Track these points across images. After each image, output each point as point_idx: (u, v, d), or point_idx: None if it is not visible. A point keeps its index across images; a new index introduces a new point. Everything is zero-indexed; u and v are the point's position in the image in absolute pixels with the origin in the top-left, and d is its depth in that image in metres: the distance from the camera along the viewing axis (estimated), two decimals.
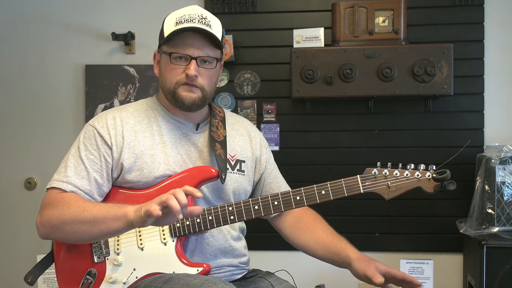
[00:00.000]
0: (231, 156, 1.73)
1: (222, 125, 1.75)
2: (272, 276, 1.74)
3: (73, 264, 1.63)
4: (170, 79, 1.62)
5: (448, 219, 2.78)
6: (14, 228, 3.03)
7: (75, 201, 1.52)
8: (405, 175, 1.54)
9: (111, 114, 1.68)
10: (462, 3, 2.80)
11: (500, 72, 2.82)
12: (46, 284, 2.79)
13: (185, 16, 1.62)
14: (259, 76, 2.91)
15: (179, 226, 1.58)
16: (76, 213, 1.49)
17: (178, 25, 1.61)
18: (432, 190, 1.54)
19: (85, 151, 1.62)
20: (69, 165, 1.61)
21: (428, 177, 1.53)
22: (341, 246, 1.69)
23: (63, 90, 3.01)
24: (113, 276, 1.58)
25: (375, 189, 1.55)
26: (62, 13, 3.00)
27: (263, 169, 1.81)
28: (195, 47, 1.59)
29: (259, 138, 1.84)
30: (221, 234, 1.68)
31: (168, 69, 1.62)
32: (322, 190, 1.57)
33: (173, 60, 1.60)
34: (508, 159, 2.46)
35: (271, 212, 1.59)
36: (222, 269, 1.67)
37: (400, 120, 2.85)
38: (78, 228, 1.48)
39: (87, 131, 1.66)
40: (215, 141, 1.68)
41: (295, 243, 1.79)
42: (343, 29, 2.75)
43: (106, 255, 1.60)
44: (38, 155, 3.01)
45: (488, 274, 2.38)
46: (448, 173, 1.50)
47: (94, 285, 1.59)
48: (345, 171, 2.82)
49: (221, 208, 1.58)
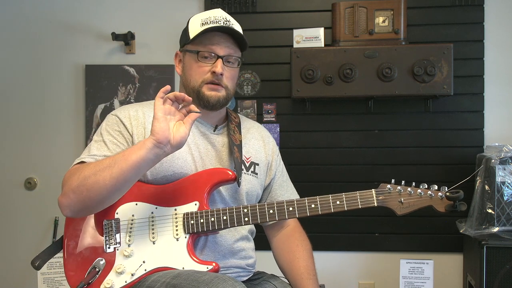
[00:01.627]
0: (246, 158, 1.76)
1: (238, 130, 1.78)
2: (276, 279, 1.76)
3: (82, 252, 1.63)
4: (195, 78, 1.66)
5: (448, 219, 2.78)
6: (14, 228, 3.03)
7: (92, 163, 1.53)
8: (418, 193, 1.59)
9: (133, 107, 1.71)
10: (462, 3, 2.80)
11: (500, 72, 2.82)
12: (46, 284, 2.80)
13: (210, 17, 1.67)
14: (259, 76, 2.91)
15: (192, 223, 1.59)
16: (94, 165, 1.49)
17: (204, 25, 1.65)
18: (444, 210, 1.57)
19: (108, 136, 1.64)
20: (92, 148, 1.62)
21: (440, 197, 1.57)
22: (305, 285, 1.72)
23: (63, 90, 3.01)
24: (121, 266, 1.58)
25: (388, 204, 1.59)
26: (62, 13, 3.00)
27: (273, 175, 1.83)
28: (221, 46, 1.65)
29: (272, 145, 1.87)
30: (230, 233, 1.69)
31: (194, 67, 1.66)
32: (337, 201, 1.60)
33: (200, 58, 1.64)
34: (508, 159, 2.46)
35: (285, 217, 1.62)
36: (229, 270, 1.68)
37: (400, 120, 2.85)
38: (99, 176, 1.46)
39: (110, 119, 1.69)
40: (234, 144, 1.70)
41: (276, 259, 1.83)
42: (343, 29, 2.75)
43: (116, 246, 1.60)
44: (38, 155, 3.01)
45: (488, 274, 2.38)
46: (461, 193, 1.54)
47: (101, 274, 1.59)
48: (345, 171, 2.86)
49: (236, 209, 1.60)
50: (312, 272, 1.75)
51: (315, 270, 1.76)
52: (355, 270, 2.92)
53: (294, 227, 1.83)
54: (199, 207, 1.60)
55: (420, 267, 2.60)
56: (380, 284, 2.90)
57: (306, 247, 1.80)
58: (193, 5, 2.93)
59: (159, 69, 2.94)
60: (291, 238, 1.81)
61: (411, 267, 2.60)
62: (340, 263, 2.91)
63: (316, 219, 2.84)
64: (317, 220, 2.85)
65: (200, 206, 1.60)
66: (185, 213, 1.60)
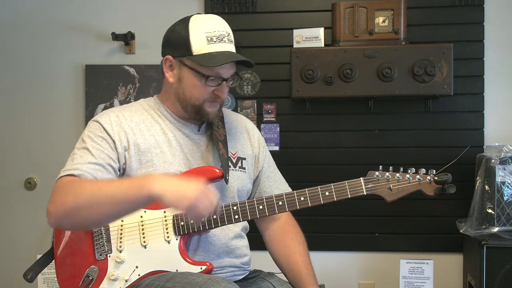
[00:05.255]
0: (232, 153, 1.74)
1: (222, 124, 1.76)
2: (273, 277, 1.74)
3: (74, 261, 1.62)
4: (197, 96, 1.63)
5: (448, 219, 2.78)
6: (14, 228, 3.03)
7: (86, 184, 1.50)
8: (407, 178, 1.58)
9: (114, 112, 1.69)
10: (462, 3, 2.80)
11: (500, 72, 2.82)
12: (46, 284, 2.80)
13: (215, 32, 1.61)
14: (259, 76, 2.91)
15: (183, 225, 1.58)
16: (90, 195, 1.45)
17: (210, 43, 1.59)
18: (433, 193, 1.58)
19: (90, 142, 1.62)
20: (75, 157, 1.60)
21: (429, 181, 1.58)
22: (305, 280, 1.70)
23: (63, 90, 3.01)
24: (115, 273, 1.58)
25: (378, 191, 1.59)
26: (62, 13, 3.00)
27: (260, 167, 1.82)
28: (227, 70, 1.63)
29: (258, 136, 1.85)
30: (223, 232, 1.68)
31: (197, 86, 1.62)
32: (326, 192, 1.60)
33: (207, 81, 1.61)
34: (508, 159, 2.46)
35: (275, 212, 1.61)
36: (224, 269, 1.67)
37: (400, 120, 2.85)
38: (94, 211, 1.44)
39: (91, 125, 1.67)
40: (218, 141, 1.69)
41: (270, 253, 1.81)
42: (343, 29, 2.75)
43: (108, 252, 1.60)
44: (38, 155, 3.01)
45: (488, 274, 2.38)
46: (449, 176, 1.54)
47: (95, 283, 1.58)
48: (345, 171, 2.85)
49: (226, 207, 1.59)
50: (309, 267, 1.73)
51: (312, 264, 1.75)
52: (355, 270, 2.92)
53: (286, 220, 1.81)
54: None
55: (420, 267, 2.60)
56: (380, 284, 2.90)
57: (300, 240, 1.78)
58: (193, 5, 2.93)
59: (159, 69, 2.92)
60: (285, 232, 1.79)
61: (411, 267, 2.60)
62: (340, 263, 2.91)
63: (316, 219, 2.87)
64: (317, 220, 2.86)
65: None
66: (174, 214, 1.59)
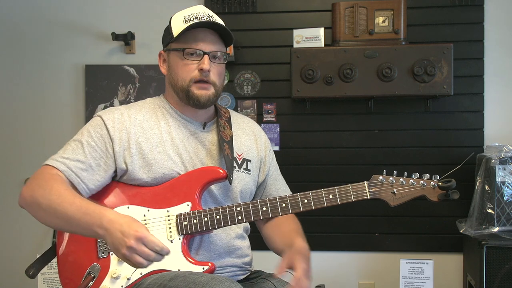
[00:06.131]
0: (238, 155, 1.74)
1: (228, 125, 1.76)
2: (274, 278, 1.74)
3: (76, 259, 1.62)
4: (183, 77, 1.64)
5: (448, 219, 2.78)
6: (14, 228, 3.03)
7: (57, 189, 1.52)
8: (410, 183, 1.58)
9: (119, 110, 1.69)
10: (462, 3, 2.80)
11: (500, 72, 2.82)
12: (46, 284, 2.80)
13: (193, 14, 1.65)
14: (259, 76, 2.91)
15: (186, 224, 1.58)
16: (52, 203, 1.50)
17: (187, 22, 1.63)
18: (436, 199, 1.57)
19: (87, 137, 1.63)
20: (68, 148, 1.62)
21: (433, 186, 1.57)
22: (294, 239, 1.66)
23: (63, 90, 3.01)
24: (117, 271, 1.57)
25: (381, 195, 1.59)
26: (62, 13, 3.00)
27: (267, 171, 1.82)
28: (207, 42, 1.63)
29: (264, 139, 1.85)
30: (225, 232, 1.68)
31: (180, 65, 1.64)
32: (330, 195, 1.59)
33: (186, 56, 1.63)
34: (508, 159, 2.46)
35: (278, 214, 1.60)
36: (225, 269, 1.67)
37: (400, 120, 2.85)
38: (51, 219, 1.52)
39: (94, 120, 1.67)
40: (224, 141, 1.69)
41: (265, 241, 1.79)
42: (343, 29, 2.75)
43: (111, 251, 1.59)
44: (38, 155, 3.00)
45: (488, 274, 2.38)
46: (453, 182, 1.54)
47: (97, 280, 1.58)
48: (345, 171, 2.86)
49: (229, 208, 1.59)
50: (300, 232, 1.71)
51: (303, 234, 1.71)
52: (355, 270, 2.92)
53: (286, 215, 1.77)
54: (192, 207, 1.59)
55: (420, 267, 2.60)
56: (380, 284, 2.90)
57: (294, 220, 1.77)
58: (193, 5, 2.91)
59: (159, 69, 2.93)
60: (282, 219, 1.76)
61: (411, 267, 2.60)
62: (340, 263, 2.91)
63: (316, 219, 2.87)
64: (317, 220, 2.86)
65: (193, 206, 1.59)
66: (177, 214, 1.59)
